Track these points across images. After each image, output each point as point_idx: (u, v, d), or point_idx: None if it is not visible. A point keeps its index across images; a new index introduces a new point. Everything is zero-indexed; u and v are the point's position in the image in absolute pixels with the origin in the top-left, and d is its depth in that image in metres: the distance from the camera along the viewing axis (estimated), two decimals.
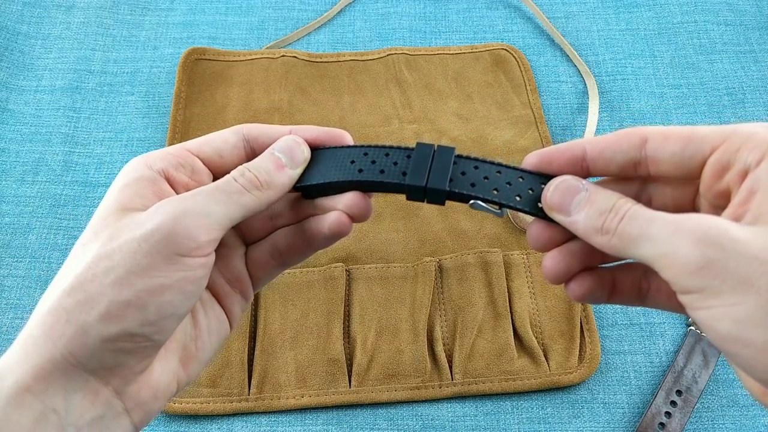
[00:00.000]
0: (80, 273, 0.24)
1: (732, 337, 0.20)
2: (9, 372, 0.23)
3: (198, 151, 0.28)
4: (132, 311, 0.23)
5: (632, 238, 0.23)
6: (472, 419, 0.44)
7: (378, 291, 0.47)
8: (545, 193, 0.26)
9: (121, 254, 0.24)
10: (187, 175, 0.27)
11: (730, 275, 0.20)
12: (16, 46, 0.60)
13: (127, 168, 0.27)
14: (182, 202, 0.25)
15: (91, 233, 0.25)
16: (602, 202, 0.24)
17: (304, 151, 0.29)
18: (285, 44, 0.62)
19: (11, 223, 0.51)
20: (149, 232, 0.24)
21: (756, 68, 0.59)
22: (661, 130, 0.25)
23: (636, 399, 0.44)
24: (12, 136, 0.56)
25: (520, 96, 0.57)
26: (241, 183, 0.26)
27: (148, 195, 0.26)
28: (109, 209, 0.25)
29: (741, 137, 0.23)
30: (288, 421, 0.44)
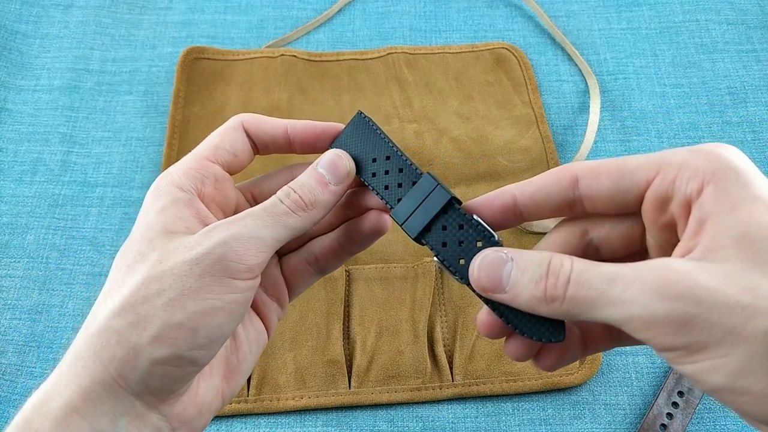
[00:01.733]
0: (129, 294, 0.24)
1: (727, 389, 0.19)
2: (58, 393, 0.23)
3: (215, 158, 0.28)
4: (183, 334, 0.23)
5: (589, 303, 0.21)
6: (473, 420, 0.43)
7: (378, 291, 0.47)
8: (471, 276, 0.24)
9: (172, 276, 0.24)
10: (212, 186, 0.28)
11: (716, 328, 0.19)
12: (15, 46, 0.60)
13: (158, 190, 0.27)
14: (231, 226, 0.25)
15: (137, 255, 0.25)
16: (533, 269, 0.22)
17: (347, 165, 0.28)
18: (284, 43, 0.61)
19: (9, 223, 0.51)
20: (201, 256, 0.24)
21: (758, 67, 0.59)
22: (591, 167, 0.24)
23: (637, 400, 0.44)
24: (10, 135, 0.55)
25: (521, 95, 0.57)
26: (287, 205, 0.27)
27: (188, 217, 0.26)
28: (154, 231, 0.25)
29: (673, 167, 0.22)
30: (287, 422, 0.43)
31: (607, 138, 0.55)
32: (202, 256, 0.24)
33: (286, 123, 0.30)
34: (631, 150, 0.54)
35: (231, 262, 0.24)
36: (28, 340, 0.46)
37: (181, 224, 0.26)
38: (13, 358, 0.45)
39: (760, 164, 0.54)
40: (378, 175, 0.28)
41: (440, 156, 0.53)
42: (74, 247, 0.50)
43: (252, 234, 0.25)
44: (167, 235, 0.25)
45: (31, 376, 0.45)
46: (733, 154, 0.22)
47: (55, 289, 0.48)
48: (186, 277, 0.24)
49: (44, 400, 0.23)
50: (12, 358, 0.45)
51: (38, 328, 0.47)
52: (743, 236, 0.20)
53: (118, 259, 0.26)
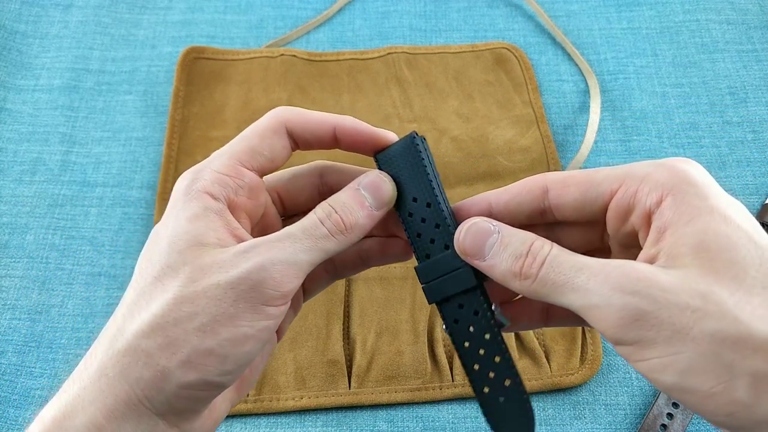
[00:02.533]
0: (161, 315, 0.23)
1: (678, 388, 0.20)
2: (81, 409, 0.23)
3: (251, 164, 0.27)
4: (213, 360, 0.23)
5: (556, 286, 0.22)
6: (473, 421, 0.43)
7: (378, 292, 0.47)
8: (457, 237, 0.25)
9: (206, 300, 0.23)
10: (245, 196, 0.27)
11: (666, 326, 0.20)
12: (14, 45, 0.60)
13: (189, 194, 0.25)
14: (271, 249, 0.24)
15: (166, 267, 0.24)
16: (517, 245, 0.24)
17: (389, 190, 0.27)
18: (284, 43, 0.61)
19: (9, 223, 0.51)
20: (236, 280, 0.23)
21: (758, 67, 0.59)
22: (561, 179, 0.25)
23: (638, 400, 0.44)
24: (9, 135, 0.55)
25: (521, 95, 0.57)
26: (327, 227, 0.26)
27: (220, 229, 0.25)
28: (185, 242, 0.24)
29: (635, 180, 0.23)
30: (287, 422, 0.43)
31: (607, 138, 0.55)
32: (238, 280, 0.23)
33: (334, 122, 0.28)
34: (632, 149, 0.54)
35: (267, 289, 0.24)
36: (28, 340, 0.46)
37: (213, 236, 0.25)
38: (13, 358, 0.45)
39: (761, 164, 0.54)
40: (414, 217, 0.27)
41: (440, 156, 0.53)
42: (74, 247, 0.50)
43: (290, 259, 0.24)
44: (199, 247, 0.24)
45: (30, 376, 0.45)
46: (693, 169, 0.23)
47: (54, 289, 0.48)
48: (220, 301, 0.23)
49: (66, 414, 0.23)
50: (12, 358, 0.45)
51: (38, 328, 0.47)
52: (700, 245, 0.21)
53: (144, 265, 0.25)
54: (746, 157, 0.54)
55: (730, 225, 0.21)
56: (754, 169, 0.53)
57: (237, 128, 0.55)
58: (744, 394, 0.20)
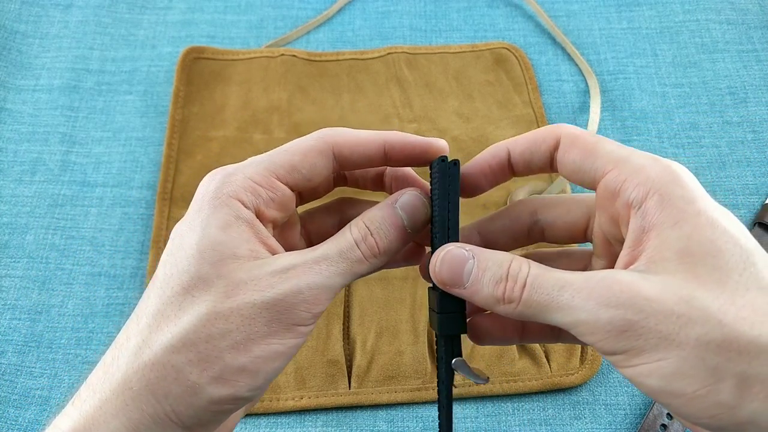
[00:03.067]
0: (192, 330, 0.23)
1: (663, 392, 0.21)
2: (104, 422, 0.22)
3: (286, 179, 0.26)
4: (244, 377, 0.23)
5: (541, 307, 0.22)
6: (473, 421, 0.43)
7: (378, 292, 0.47)
8: (432, 268, 0.25)
9: (240, 318, 0.23)
10: (275, 209, 0.26)
11: (652, 334, 0.20)
12: (14, 45, 0.60)
13: (218, 199, 0.25)
14: (308, 272, 0.24)
15: (197, 278, 0.23)
16: (494, 270, 0.24)
17: (426, 213, 0.27)
18: (284, 43, 0.61)
19: (9, 223, 0.51)
20: (272, 301, 0.23)
21: (758, 67, 0.59)
22: (572, 135, 0.25)
23: (638, 400, 0.44)
24: (9, 135, 0.55)
25: (522, 95, 0.57)
26: (362, 251, 0.25)
27: (252, 240, 0.24)
28: (218, 254, 0.23)
29: (630, 168, 0.23)
30: (287, 422, 0.43)
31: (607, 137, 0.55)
32: (273, 301, 0.23)
33: (383, 139, 0.27)
34: None
35: (301, 311, 0.24)
36: (28, 340, 0.46)
37: (245, 247, 0.24)
38: (13, 358, 0.45)
39: (761, 164, 0.54)
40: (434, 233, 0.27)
41: None
42: (74, 247, 0.50)
43: (326, 284, 0.24)
44: (232, 260, 0.24)
45: (30, 376, 0.45)
46: (683, 172, 0.23)
47: (54, 289, 0.48)
48: (254, 320, 0.23)
49: (86, 427, 0.22)
50: (12, 358, 0.45)
51: (38, 328, 0.47)
52: (685, 250, 0.21)
53: (170, 271, 0.24)
54: (746, 157, 0.54)
55: (716, 230, 0.21)
56: (754, 169, 0.53)
57: (237, 128, 0.55)
58: (728, 396, 0.20)
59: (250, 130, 0.55)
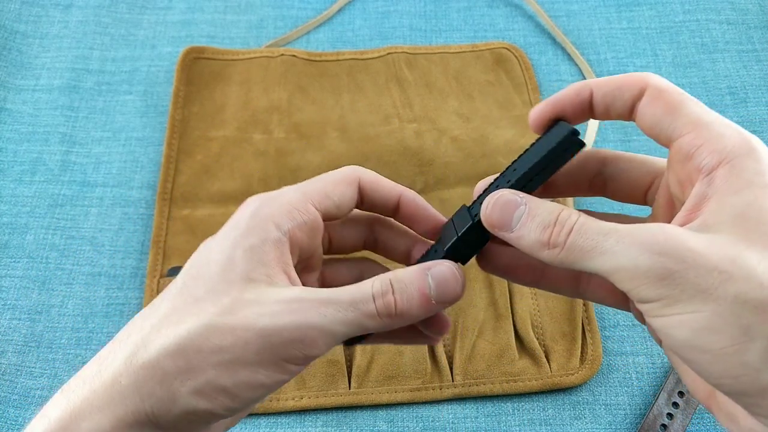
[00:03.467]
0: (187, 337, 0.23)
1: (689, 345, 0.21)
2: (89, 414, 0.23)
3: (320, 205, 0.27)
4: (223, 397, 0.23)
5: (584, 252, 0.22)
6: (473, 421, 0.43)
7: None
8: (484, 211, 0.25)
9: (233, 338, 0.23)
10: (305, 234, 0.26)
11: (690, 285, 0.20)
12: (14, 45, 0.60)
13: (256, 218, 0.25)
14: (312, 310, 0.24)
15: (209, 291, 0.24)
16: (544, 216, 0.24)
17: (458, 290, 0.26)
18: (284, 43, 0.61)
19: (9, 223, 0.51)
20: (269, 331, 0.23)
21: (758, 67, 0.59)
22: (658, 87, 0.25)
23: (638, 400, 0.44)
24: (9, 135, 0.55)
25: (522, 95, 0.57)
26: (377, 306, 0.24)
27: (272, 264, 0.25)
28: (236, 274, 0.24)
29: (708, 134, 0.23)
30: (287, 422, 0.43)
31: (607, 138, 0.55)
32: (269, 331, 0.23)
33: (401, 190, 0.29)
34: (632, 150, 0.54)
35: (294, 350, 0.23)
36: (28, 340, 0.46)
37: (263, 272, 0.24)
38: (13, 358, 0.45)
39: None
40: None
41: (440, 156, 0.53)
42: (74, 247, 0.50)
43: (327, 329, 0.24)
44: (246, 282, 0.24)
45: (30, 376, 0.45)
46: (760, 146, 0.22)
47: (54, 289, 0.48)
48: (247, 345, 0.23)
49: (73, 416, 0.23)
50: (12, 358, 0.45)
51: (38, 328, 0.47)
52: (741, 215, 0.21)
53: (189, 283, 0.25)
54: None
55: None
56: None
57: (237, 128, 0.55)
58: (756, 357, 0.20)
59: (250, 130, 0.55)
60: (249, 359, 0.23)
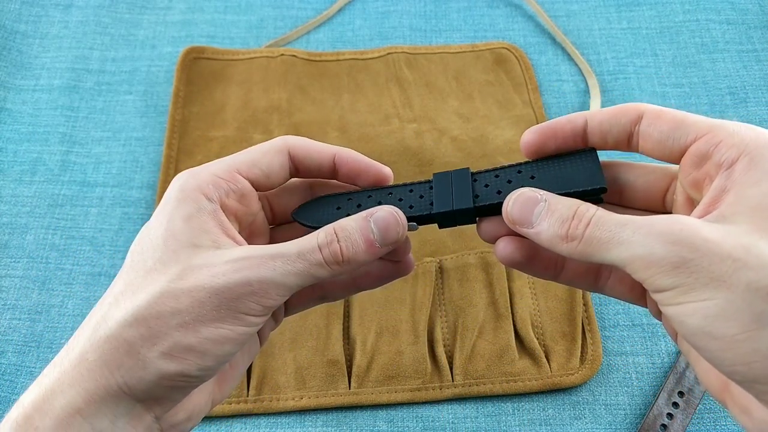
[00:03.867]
0: (145, 306, 0.24)
1: (702, 332, 0.21)
2: (60, 392, 0.23)
3: (247, 173, 0.28)
4: (192, 356, 0.24)
5: (601, 243, 0.23)
6: (473, 421, 0.43)
7: (378, 292, 0.47)
8: (505, 208, 0.26)
9: (189, 300, 0.24)
10: (236, 200, 0.28)
11: (704, 273, 0.21)
12: (14, 45, 0.60)
13: (182, 193, 0.26)
14: (261, 265, 0.24)
15: (158, 262, 0.25)
16: (563, 211, 0.24)
17: (400, 231, 0.27)
18: (284, 43, 0.61)
19: (9, 223, 0.51)
20: (222, 289, 0.24)
21: (758, 67, 0.59)
22: (657, 110, 0.25)
23: (638, 400, 0.44)
24: (9, 135, 0.55)
25: (521, 95, 0.57)
26: (323, 255, 0.26)
27: (213, 230, 0.26)
28: (179, 243, 0.25)
29: (724, 132, 0.23)
30: (287, 422, 0.43)
31: None
32: (223, 289, 0.24)
33: (335, 151, 0.30)
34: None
35: (249, 302, 0.24)
36: (28, 340, 0.46)
37: (207, 238, 0.25)
38: (13, 358, 0.45)
39: None
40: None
41: (440, 156, 0.53)
42: (74, 247, 0.50)
43: (278, 280, 0.25)
44: (192, 248, 0.25)
45: (30, 376, 0.45)
46: None
47: (54, 289, 0.48)
48: (203, 304, 0.24)
49: (45, 397, 0.23)
50: (12, 358, 0.45)
51: (38, 328, 0.47)
52: (759, 205, 0.21)
53: (136, 258, 0.26)
54: None
55: None
56: None
57: (237, 128, 0.55)
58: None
59: (250, 130, 0.55)
60: (208, 316, 0.24)
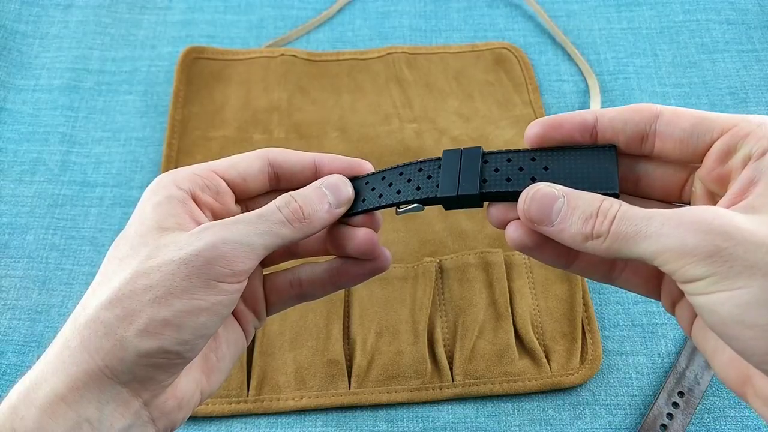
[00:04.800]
0: (118, 288, 0.24)
1: (735, 320, 0.20)
2: (44, 381, 0.24)
3: (224, 173, 0.29)
4: (169, 330, 0.24)
5: (628, 238, 0.22)
6: (473, 421, 0.43)
7: (378, 292, 0.47)
8: (521, 206, 0.25)
9: (160, 274, 0.24)
10: (211, 197, 0.28)
11: (739, 261, 0.20)
12: (14, 45, 0.60)
13: (156, 186, 0.27)
14: (224, 230, 0.25)
15: (128, 248, 0.26)
16: (585, 207, 0.24)
17: (349, 191, 0.29)
18: (284, 43, 0.61)
19: (9, 223, 0.51)
20: (189, 257, 0.24)
21: (758, 67, 0.59)
22: (674, 109, 0.25)
23: (638, 400, 0.44)
24: (10, 135, 0.55)
25: (521, 95, 0.57)
26: (284, 214, 0.27)
27: (181, 214, 0.26)
28: (146, 227, 0.26)
29: (751, 125, 0.23)
30: (287, 422, 0.43)
31: None
32: (190, 257, 0.24)
33: (314, 155, 0.31)
34: None
35: (218, 267, 0.25)
36: (28, 340, 0.46)
37: (173, 221, 0.26)
38: (13, 358, 0.45)
39: None
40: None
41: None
42: (74, 247, 0.50)
43: (242, 240, 0.25)
44: (159, 231, 0.26)
45: None
46: None
47: (54, 289, 0.48)
48: (173, 276, 0.24)
49: (30, 387, 0.24)
50: (12, 358, 0.45)
51: (38, 328, 0.47)
52: None
53: (111, 252, 0.27)
54: None
55: None
56: None
57: (237, 128, 0.55)
58: None
59: (250, 130, 0.55)
60: (180, 287, 0.24)
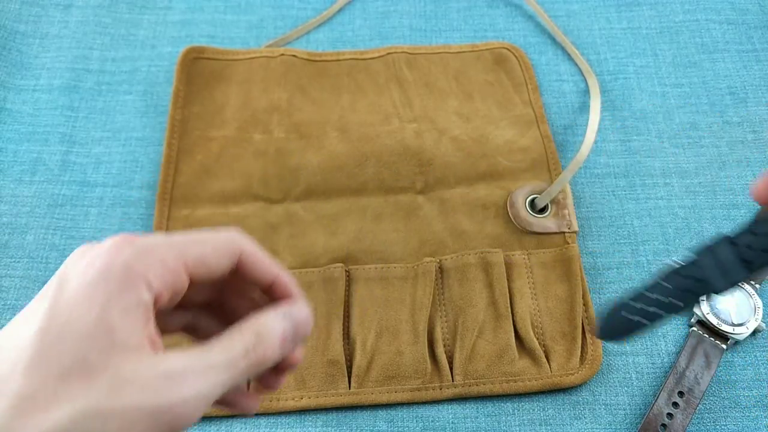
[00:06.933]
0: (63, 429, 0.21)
1: None
2: None
3: (192, 270, 0.26)
4: None
5: None
6: (473, 421, 0.43)
7: (378, 292, 0.47)
8: None
9: (119, 422, 0.21)
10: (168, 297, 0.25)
11: None
12: (14, 45, 0.60)
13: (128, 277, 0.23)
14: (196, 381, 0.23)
15: (82, 366, 0.21)
16: None
17: (309, 330, 0.28)
18: (284, 43, 0.61)
19: (9, 223, 0.51)
20: (157, 409, 0.22)
21: (758, 67, 0.59)
22: None
23: (638, 400, 0.44)
24: (9, 135, 0.55)
25: (521, 95, 0.57)
26: (250, 361, 0.25)
27: (140, 332, 0.23)
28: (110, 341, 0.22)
29: None
30: (287, 422, 0.43)
31: (607, 138, 0.55)
32: (159, 409, 0.22)
33: (276, 274, 0.28)
34: (632, 149, 0.54)
35: (181, 421, 0.23)
36: None
37: (135, 339, 0.23)
38: None
39: (761, 164, 0.54)
40: None
41: (440, 156, 0.53)
42: (74, 247, 0.49)
43: (209, 394, 0.24)
44: (123, 350, 0.22)
45: None
46: None
47: None
48: (134, 426, 0.22)
49: None
50: None
51: None
52: None
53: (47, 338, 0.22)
54: (746, 157, 0.54)
55: None
56: (754, 169, 0.53)
57: (237, 128, 0.55)
58: None
59: (250, 130, 0.55)
60: None
